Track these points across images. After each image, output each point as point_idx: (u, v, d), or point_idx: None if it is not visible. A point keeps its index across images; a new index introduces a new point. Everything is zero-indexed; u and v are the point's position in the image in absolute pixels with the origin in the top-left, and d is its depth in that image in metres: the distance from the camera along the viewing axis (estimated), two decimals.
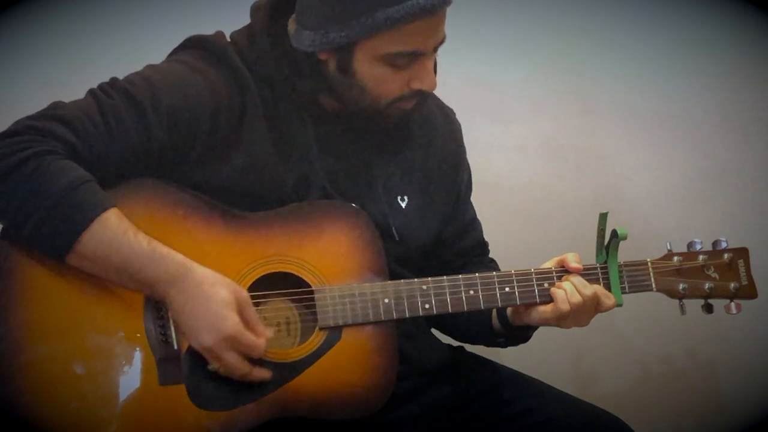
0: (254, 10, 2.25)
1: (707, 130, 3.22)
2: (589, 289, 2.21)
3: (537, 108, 3.14)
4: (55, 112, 2.07)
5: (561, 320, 2.22)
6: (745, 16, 3.13)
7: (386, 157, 2.30)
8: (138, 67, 2.19)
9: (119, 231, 2.02)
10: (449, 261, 2.40)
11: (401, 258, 2.28)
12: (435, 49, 2.17)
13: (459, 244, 2.43)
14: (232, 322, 2.03)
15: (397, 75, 2.16)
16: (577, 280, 2.22)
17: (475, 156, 2.48)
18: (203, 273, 2.05)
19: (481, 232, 2.49)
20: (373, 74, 2.15)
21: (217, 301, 2.03)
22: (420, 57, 2.15)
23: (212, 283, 2.04)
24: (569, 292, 2.21)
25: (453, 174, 2.40)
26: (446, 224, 2.39)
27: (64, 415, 2.01)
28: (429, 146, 2.36)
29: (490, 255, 2.50)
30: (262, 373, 2.09)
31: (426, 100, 2.23)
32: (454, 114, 2.45)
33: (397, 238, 2.26)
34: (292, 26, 2.20)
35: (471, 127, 2.50)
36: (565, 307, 2.20)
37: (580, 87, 3.15)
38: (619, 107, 3.17)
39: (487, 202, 2.58)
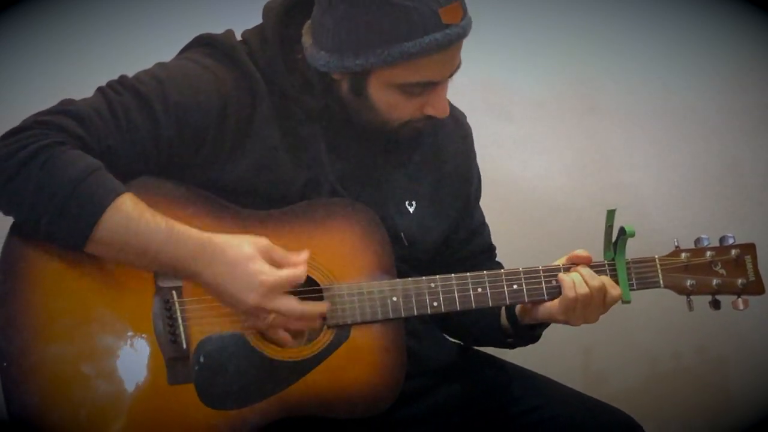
0: (267, 11, 2.24)
1: (714, 127, 3.22)
2: (597, 279, 2.21)
3: (543, 107, 3.14)
4: (64, 108, 2.07)
5: (568, 313, 2.22)
6: (750, 14, 3.13)
7: (396, 162, 2.30)
8: (146, 65, 2.19)
9: (135, 214, 2.01)
10: (456, 264, 2.38)
11: (409, 260, 2.27)
12: (449, 77, 2.18)
13: (467, 249, 2.43)
14: (267, 272, 2.02)
15: (410, 101, 2.16)
16: (585, 270, 2.22)
17: (481, 155, 2.47)
18: (222, 240, 2.04)
19: (489, 236, 2.49)
20: (386, 99, 2.15)
21: (245, 260, 2.02)
22: (434, 85, 2.15)
23: (233, 245, 2.03)
24: (577, 282, 2.21)
25: (463, 179, 2.39)
26: (455, 229, 2.39)
27: (74, 415, 2.01)
28: (439, 151, 2.36)
29: (498, 254, 2.50)
30: (319, 307, 2.09)
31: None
32: (465, 118, 2.45)
33: (406, 243, 2.26)
34: (307, 38, 2.19)
35: (478, 127, 2.49)
36: (571, 293, 2.20)
37: (585, 86, 3.15)
38: (624, 105, 3.17)
39: (493, 202, 2.58)
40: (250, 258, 2.03)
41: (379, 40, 2.09)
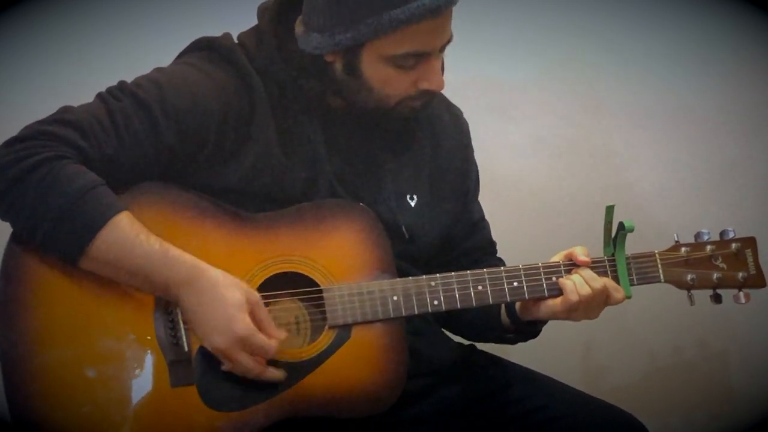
0: (261, 12, 2.25)
1: (714, 125, 3.21)
2: (599, 282, 2.21)
3: (544, 105, 3.14)
4: (64, 116, 2.08)
5: (570, 313, 2.22)
6: (750, 14, 3.13)
7: (395, 157, 2.30)
8: (145, 69, 2.19)
9: (131, 234, 2.03)
10: (457, 260, 2.40)
11: (409, 256, 2.28)
12: (442, 49, 2.17)
13: (467, 244, 2.43)
14: (243, 323, 2.03)
15: (404, 75, 2.16)
16: (587, 273, 2.22)
17: (482, 154, 2.48)
18: (215, 275, 2.05)
19: (489, 231, 2.49)
20: (379, 75, 2.16)
21: (229, 303, 2.03)
22: (427, 57, 2.15)
23: (224, 284, 2.04)
24: (578, 283, 2.21)
25: (461, 173, 2.40)
26: (455, 223, 2.39)
27: (77, 420, 2.01)
28: (437, 146, 2.36)
29: (499, 251, 2.50)
30: (275, 374, 2.09)
31: (433, 97, 2.23)
32: (462, 113, 2.45)
33: (407, 237, 2.26)
34: (299, 28, 2.20)
35: (479, 126, 2.50)
36: (574, 297, 2.20)
37: (586, 84, 3.15)
38: (625, 103, 3.17)
39: (494, 200, 2.59)
40: (236, 305, 2.04)
41: (369, 10, 2.09)
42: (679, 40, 3.16)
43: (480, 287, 2.21)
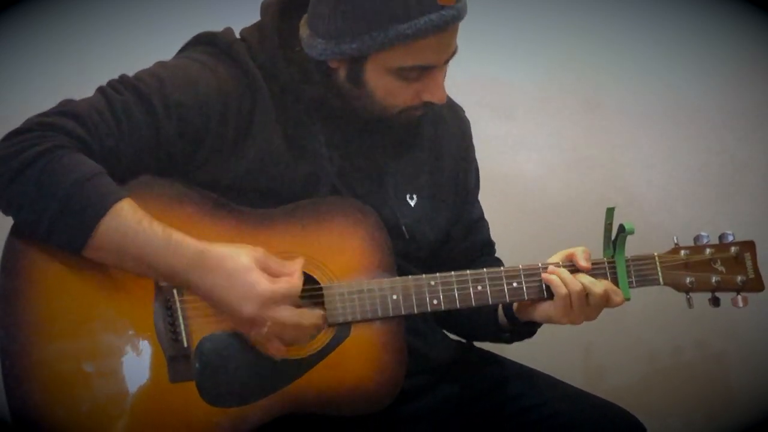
0: (264, 8, 2.25)
1: (714, 125, 3.22)
2: (599, 286, 2.21)
3: (545, 105, 3.14)
4: (65, 109, 2.08)
5: (567, 311, 2.21)
6: (750, 14, 3.14)
7: (396, 155, 2.30)
8: (146, 65, 2.19)
9: (134, 220, 2.02)
10: (455, 259, 2.39)
11: (409, 255, 2.28)
12: (446, 62, 2.18)
13: (465, 243, 2.43)
14: (262, 283, 2.02)
15: (407, 87, 2.16)
16: (587, 279, 2.21)
17: (482, 152, 2.48)
18: (219, 250, 2.04)
19: (488, 231, 2.49)
20: (383, 86, 2.16)
21: (243, 271, 2.02)
22: (431, 70, 2.15)
23: (230, 255, 2.03)
24: (567, 279, 2.20)
25: (462, 172, 2.40)
26: (454, 222, 2.39)
27: (75, 414, 2.01)
28: (438, 144, 2.36)
29: (498, 252, 2.50)
30: (315, 315, 2.09)
31: (434, 106, 2.23)
32: (464, 112, 2.46)
33: (407, 236, 2.26)
34: (304, 30, 2.20)
35: (479, 124, 2.50)
36: (562, 290, 2.19)
37: (586, 85, 3.16)
38: (625, 104, 3.18)
39: (494, 199, 2.59)
40: (248, 269, 2.03)
41: (375, 22, 2.09)
42: (679, 40, 3.17)
43: (479, 287, 2.21)
